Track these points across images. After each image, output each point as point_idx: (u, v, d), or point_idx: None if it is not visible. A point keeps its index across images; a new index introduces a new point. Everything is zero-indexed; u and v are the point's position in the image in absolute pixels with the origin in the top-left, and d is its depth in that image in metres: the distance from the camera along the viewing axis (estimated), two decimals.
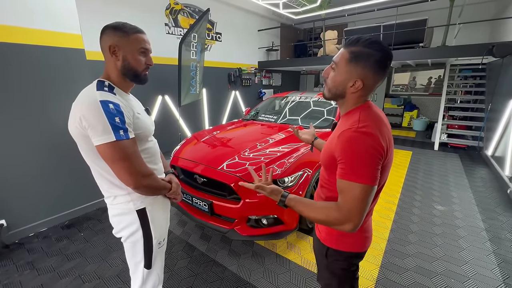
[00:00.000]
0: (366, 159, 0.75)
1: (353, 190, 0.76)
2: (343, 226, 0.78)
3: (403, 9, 5.35)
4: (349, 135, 0.77)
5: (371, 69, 0.78)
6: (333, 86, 0.86)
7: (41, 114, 2.38)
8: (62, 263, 2.05)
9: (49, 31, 2.34)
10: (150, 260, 1.12)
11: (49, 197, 2.53)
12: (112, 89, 0.98)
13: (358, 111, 0.84)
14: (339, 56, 0.84)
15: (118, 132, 0.89)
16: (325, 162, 0.90)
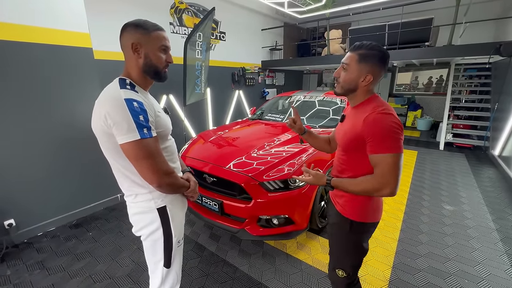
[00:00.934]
0: (391, 132, 0.94)
1: (386, 160, 0.94)
2: (382, 191, 0.96)
3: (408, 8, 5.32)
4: (373, 117, 0.96)
5: (377, 65, 1.01)
6: (346, 83, 1.06)
7: (49, 113, 2.38)
8: (72, 262, 2.04)
9: (57, 29, 2.33)
10: (169, 259, 1.11)
11: (56, 196, 2.52)
12: (134, 87, 0.97)
13: (372, 100, 1.05)
14: (349, 58, 1.04)
15: (142, 130, 0.89)
16: (347, 146, 1.09)
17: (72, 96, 2.51)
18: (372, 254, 2.10)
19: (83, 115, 2.60)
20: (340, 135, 1.15)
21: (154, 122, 0.95)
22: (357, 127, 1.01)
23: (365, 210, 1.11)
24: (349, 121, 1.10)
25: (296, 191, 2.01)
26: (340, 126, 1.20)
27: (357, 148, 1.04)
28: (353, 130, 1.04)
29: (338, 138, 1.18)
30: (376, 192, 0.99)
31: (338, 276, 1.21)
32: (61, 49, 2.37)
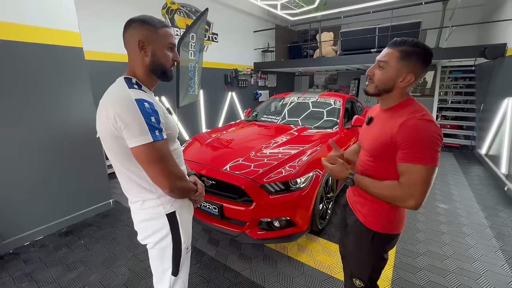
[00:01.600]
0: (431, 143, 0.84)
1: (419, 172, 0.85)
2: (406, 202, 0.88)
3: (397, 12, 5.47)
4: (413, 123, 0.87)
5: (421, 65, 0.91)
6: (382, 82, 0.96)
7: (37, 115, 2.26)
8: (63, 273, 1.93)
9: (46, 28, 2.22)
10: (178, 266, 1.07)
11: (44, 203, 2.39)
12: (141, 87, 0.93)
13: (409, 103, 0.95)
14: (388, 55, 0.94)
15: (155, 132, 0.84)
16: (375, 152, 1.00)
17: (62, 97, 2.39)
18: None
19: (73, 116, 2.49)
20: (368, 139, 1.06)
21: (164, 124, 0.90)
22: (390, 131, 0.92)
23: (390, 221, 1.04)
24: (379, 125, 1.01)
25: (297, 193, 1.99)
26: (367, 129, 1.11)
27: (387, 154, 0.95)
28: (384, 135, 0.95)
29: (365, 142, 1.09)
30: (399, 202, 0.90)
31: (355, 285, 1.16)
32: (51, 48, 2.27)
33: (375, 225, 1.05)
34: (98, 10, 3.71)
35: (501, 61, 4.19)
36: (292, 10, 5.92)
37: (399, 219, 1.04)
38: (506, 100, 3.59)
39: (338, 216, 2.68)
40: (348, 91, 8.74)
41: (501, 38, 4.38)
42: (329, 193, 2.53)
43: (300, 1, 5.53)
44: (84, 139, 2.59)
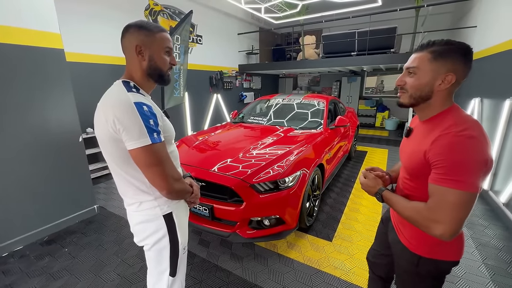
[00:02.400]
0: (470, 163, 0.71)
1: (450, 196, 0.73)
2: (430, 229, 0.77)
3: (375, 17, 5.75)
4: (449, 140, 0.75)
5: (462, 61, 0.79)
6: (416, 90, 0.85)
7: (14, 120, 2.16)
8: (47, 283, 1.86)
9: (25, 29, 2.14)
10: (175, 267, 1.08)
11: (23, 212, 2.28)
12: (138, 90, 0.94)
13: (449, 114, 0.82)
14: (417, 59, 0.84)
15: (153, 135, 0.85)
16: (413, 170, 0.89)
17: (42, 99, 2.30)
18: (358, 247, 2.21)
19: (54, 120, 2.40)
20: (406, 154, 0.96)
21: (162, 127, 0.93)
22: (424, 148, 0.82)
23: (437, 244, 0.90)
24: (417, 139, 0.90)
25: (286, 191, 2.06)
26: (406, 143, 1.01)
27: (424, 174, 0.83)
28: (419, 152, 0.84)
29: (403, 157, 1.00)
30: (423, 227, 0.80)
31: None
32: (30, 49, 2.18)
33: (419, 249, 0.93)
34: (80, 11, 3.60)
35: None
36: (276, 14, 6.04)
37: (448, 244, 0.88)
38: (472, 100, 3.89)
39: (325, 214, 2.78)
40: (330, 92, 9.03)
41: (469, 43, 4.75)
42: (316, 191, 2.62)
43: (283, 5, 5.66)
44: (66, 143, 2.51)
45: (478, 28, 4.40)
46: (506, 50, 3.02)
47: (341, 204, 2.99)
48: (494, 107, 3.16)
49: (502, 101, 2.87)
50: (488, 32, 3.86)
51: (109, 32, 4.03)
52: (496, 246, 2.21)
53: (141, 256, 2.13)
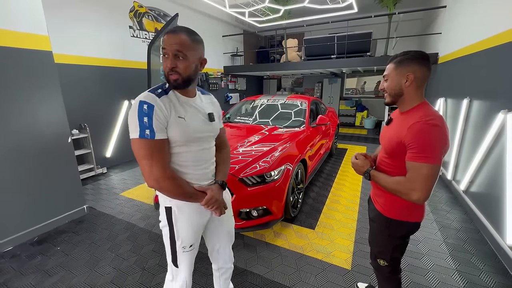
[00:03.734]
0: (434, 144, 0.97)
1: (423, 169, 0.97)
2: (410, 196, 1.01)
3: (352, 23, 6.11)
4: (419, 127, 0.99)
5: (416, 63, 1.05)
6: (391, 89, 1.12)
7: (3, 120, 2.17)
8: (42, 279, 1.91)
9: (12, 31, 2.17)
10: (175, 257, 1.16)
11: (12, 213, 2.29)
12: (166, 92, 1.01)
13: (421, 108, 1.07)
14: (388, 69, 1.14)
15: (144, 131, 0.93)
16: (391, 150, 1.13)
17: (30, 101, 2.33)
18: (338, 233, 2.44)
19: (42, 121, 2.43)
20: (385, 139, 1.20)
21: (165, 126, 0.98)
22: (401, 133, 1.06)
23: (403, 209, 1.16)
24: (395, 126, 1.15)
25: (272, 184, 2.24)
26: (386, 129, 1.26)
27: (398, 153, 1.08)
28: (397, 136, 1.08)
29: (383, 141, 1.23)
30: (404, 195, 1.03)
31: (380, 264, 1.32)
32: (17, 51, 2.21)
33: (390, 213, 1.19)
34: (66, 12, 3.58)
35: (434, 68, 4.99)
36: (259, 17, 6.25)
37: (412, 208, 1.14)
38: (438, 100, 4.30)
39: (308, 205, 3.00)
40: (313, 93, 9.38)
41: (435, 48, 5.21)
42: (299, 185, 2.83)
43: (266, 10, 5.87)
44: (55, 144, 2.54)
45: (442, 35, 4.85)
46: (465, 55, 3.40)
47: (323, 197, 3.22)
48: (455, 106, 3.54)
49: (461, 101, 3.24)
50: (451, 38, 4.29)
51: (94, 34, 4.03)
52: (455, 227, 2.52)
53: (135, 251, 2.22)
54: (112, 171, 4.27)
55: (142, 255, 2.17)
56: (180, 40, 0.95)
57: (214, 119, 1.17)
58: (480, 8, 3.14)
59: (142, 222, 2.68)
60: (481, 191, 2.58)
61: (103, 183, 3.77)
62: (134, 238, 2.40)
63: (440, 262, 2.05)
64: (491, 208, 2.33)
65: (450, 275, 1.91)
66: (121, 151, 4.63)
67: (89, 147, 3.92)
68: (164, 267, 2.02)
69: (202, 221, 1.18)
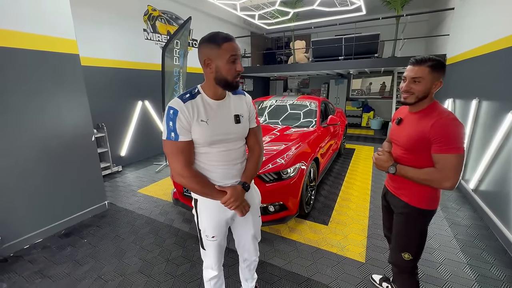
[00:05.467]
0: (459, 136, 1.11)
1: (453, 159, 1.10)
2: (443, 184, 1.14)
3: (360, 24, 6.19)
4: (443, 122, 1.13)
5: (443, 72, 1.19)
6: (422, 92, 1.19)
7: (34, 120, 2.32)
8: (74, 268, 2.04)
9: (44, 35, 2.31)
10: (202, 243, 1.31)
11: (41, 207, 2.43)
12: (194, 96, 1.11)
13: (435, 107, 1.21)
14: (419, 72, 1.18)
15: (170, 134, 1.07)
16: (412, 147, 1.25)
17: (59, 102, 2.47)
18: (351, 229, 2.53)
19: (69, 122, 2.57)
20: (402, 137, 1.30)
21: (188, 129, 1.08)
22: (423, 130, 1.17)
23: (430, 198, 1.27)
24: (411, 125, 1.26)
25: (288, 181, 2.34)
26: (399, 129, 1.34)
27: (420, 148, 1.21)
28: (418, 133, 1.19)
29: (399, 139, 1.32)
30: (436, 184, 1.16)
31: (404, 259, 1.36)
32: (49, 55, 2.35)
33: (419, 203, 1.28)
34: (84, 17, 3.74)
35: None
36: (268, 20, 6.37)
37: (436, 197, 1.29)
38: (446, 101, 4.36)
39: (320, 203, 3.09)
40: (319, 94, 9.46)
41: (443, 50, 5.26)
42: (312, 182, 2.92)
43: (275, 12, 5.99)
44: (80, 143, 2.67)
45: (450, 36, 4.90)
46: (474, 56, 3.47)
47: (334, 195, 3.31)
48: (464, 107, 3.60)
49: (469, 101, 3.30)
50: (459, 39, 4.35)
51: (110, 36, 4.18)
52: (465, 224, 2.60)
53: (158, 243, 2.34)
54: (127, 169, 4.42)
55: (165, 247, 2.28)
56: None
57: (240, 121, 1.20)
58: (489, 10, 3.21)
59: (161, 217, 2.81)
60: (491, 190, 2.65)
61: (120, 181, 3.90)
62: (155, 232, 2.52)
63: (451, 256, 2.13)
64: (500, 206, 2.40)
65: (462, 269, 1.99)
66: (135, 150, 4.78)
67: (106, 146, 4.07)
68: (187, 258, 2.14)
69: (224, 217, 1.25)
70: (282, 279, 1.90)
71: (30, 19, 2.20)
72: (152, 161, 4.84)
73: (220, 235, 1.28)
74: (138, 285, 1.86)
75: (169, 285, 1.85)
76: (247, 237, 1.43)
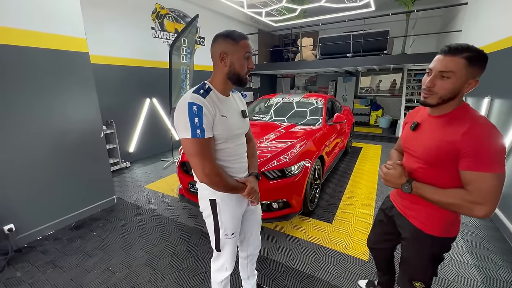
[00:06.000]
0: (500, 150, 0.84)
1: (491, 180, 0.84)
2: (475, 211, 0.87)
3: (369, 20, 6.08)
4: (479, 131, 0.85)
5: (483, 68, 0.90)
6: (448, 93, 0.91)
7: (46, 116, 2.39)
8: (84, 259, 2.11)
9: (55, 34, 2.38)
10: (219, 244, 1.26)
11: (53, 200, 2.52)
12: (208, 92, 1.09)
13: (467, 110, 0.93)
14: (452, 64, 0.89)
15: (195, 131, 1.00)
16: (434, 160, 0.97)
17: (70, 99, 2.54)
18: (355, 228, 2.52)
19: (79, 118, 2.64)
20: (419, 146, 1.04)
21: (212, 125, 1.06)
22: (451, 139, 0.90)
23: (447, 225, 1.03)
24: (434, 132, 0.98)
25: (292, 178, 2.35)
26: (414, 135, 1.08)
27: (444, 162, 0.94)
28: (444, 144, 0.93)
29: (416, 149, 1.06)
30: (467, 210, 0.88)
31: (416, 286, 1.17)
32: (59, 53, 2.42)
33: (434, 231, 1.05)
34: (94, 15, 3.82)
35: None
36: (275, 17, 6.33)
37: (457, 221, 1.05)
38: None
39: (325, 201, 3.08)
40: (327, 92, 9.37)
41: None
42: (317, 180, 2.92)
43: (283, 9, 5.95)
44: (90, 139, 2.75)
45: (463, 32, 4.76)
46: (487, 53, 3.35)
47: (339, 193, 3.30)
48: (475, 105, 3.50)
49: (481, 100, 3.21)
50: (471, 36, 4.22)
51: (119, 35, 4.26)
52: (473, 225, 2.54)
53: (163, 237, 2.39)
54: (135, 165, 4.51)
55: (170, 241, 2.34)
56: None
57: (246, 115, 1.27)
58: (504, 4, 3.10)
59: (167, 212, 2.86)
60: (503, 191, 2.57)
61: (128, 176, 4.00)
62: (161, 226, 2.58)
63: (458, 257, 2.10)
64: (511, 207, 2.34)
65: (468, 270, 1.95)
66: (143, 146, 4.87)
67: (115, 142, 4.17)
68: (191, 252, 2.18)
69: (241, 210, 1.29)
70: (284, 275, 1.92)
71: (41, 18, 2.27)
72: (159, 157, 4.92)
73: (237, 230, 1.31)
74: (144, 277, 1.92)
75: (173, 278, 1.90)
76: (254, 227, 1.46)
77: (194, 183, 2.54)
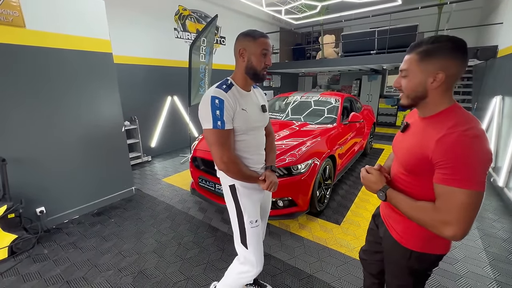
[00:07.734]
0: (476, 163, 0.72)
1: (461, 197, 0.72)
2: (440, 230, 0.77)
3: (395, 15, 5.75)
4: (454, 139, 0.74)
5: (450, 58, 0.78)
6: (411, 90, 0.86)
7: (77, 111, 2.64)
8: (101, 243, 2.30)
9: (83, 36, 2.60)
10: (244, 235, 1.26)
11: (80, 188, 2.77)
12: (230, 87, 1.17)
13: (452, 113, 0.81)
14: (407, 62, 0.86)
15: (217, 122, 1.10)
16: (411, 167, 0.89)
17: (96, 97, 2.77)
18: (364, 231, 2.42)
19: (104, 114, 2.87)
20: (401, 149, 0.96)
21: (232, 118, 1.15)
22: (426, 146, 0.81)
23: (425, 240, 0.91)
24: (415, 135, 0.90)
25: (298, 176, 2.33)
26: (401, 138, 1.00)
27: (421, 170, 0.85)
28: (419, 148, 0.84)
29: (398, 152, 0.99)
30: (433, 228, 0.78)
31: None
32: (87, 54, 2.65)
33: (412, 244, 0.94)
34: (116, 17, 4.10)
35: (492, 62, 4.45)
36: (296, 14, 6.25)
37: (437, 239, 0.90)
38: (494, 98, 3.85)
39: (336, 202, 3.00)
40: (350, 91, 9.03)
41: (495, 40, 4.64)
42: (327, 181, 2.85)
43: (302, 6, 5.86)
44: (112, 134, 2.97)
45: (504, 25, 4.30)
46: None
47: (352, 195, 3.19)
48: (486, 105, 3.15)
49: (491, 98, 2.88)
50: None
51: (143, 36, 4.52)
52: (501, 237, 2.31)
53: (173, 228, 2.52)
54: (155, 160, 4.77)
55: (178, 232, 2.45)
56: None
57: (266, 110, 1.35)
58: None
59: (179, 204, 3.00)
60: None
61: (148, 170, 4.24)
62: (172, 217, 2.71)
63: (476, 270, 1.93)
64: None
65: (487, 284, 1.79)
66: (164, 142, 5.13)
67: (138, 137, 4.44)
68: (196, 244, 2.27)
69: (259, 196, 1.34)
70: (284, 273, 1.92)
71: (70, 22, 2.50)
72: (178, 152, 5.15)
73: (259, 217, 1.32)
74: (151, 263, 2.04)
75: (177, 267, 2.00)
76: (263, 216, 1.52)
77: (204, 177, 2.63)
